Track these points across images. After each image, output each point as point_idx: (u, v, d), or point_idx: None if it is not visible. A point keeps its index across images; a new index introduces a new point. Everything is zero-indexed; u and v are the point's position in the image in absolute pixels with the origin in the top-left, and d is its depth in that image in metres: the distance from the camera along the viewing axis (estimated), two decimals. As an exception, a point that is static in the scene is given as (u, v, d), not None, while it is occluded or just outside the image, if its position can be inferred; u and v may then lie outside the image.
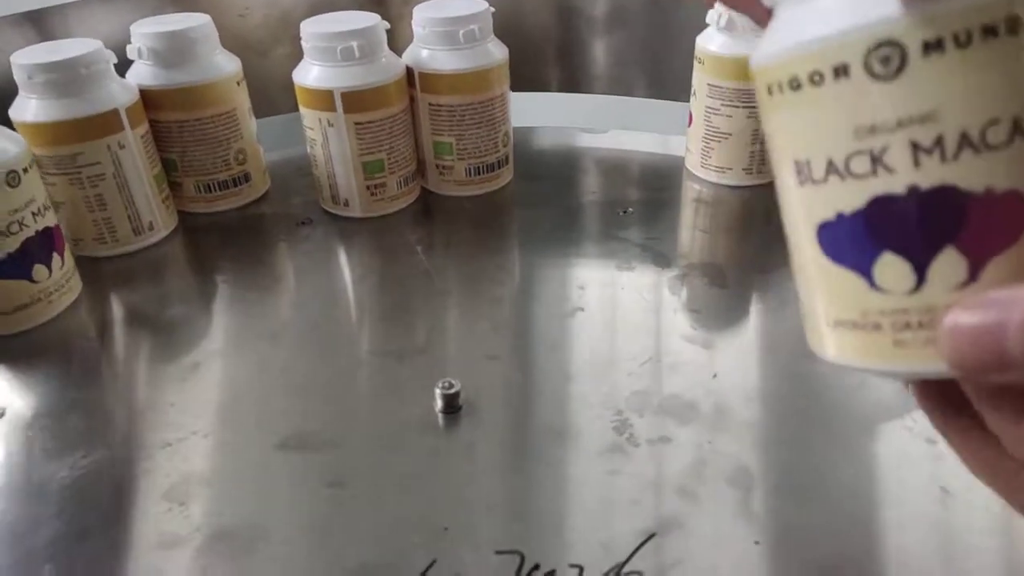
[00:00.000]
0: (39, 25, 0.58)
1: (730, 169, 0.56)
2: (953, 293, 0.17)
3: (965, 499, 0.32)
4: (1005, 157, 0.16)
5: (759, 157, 0.55)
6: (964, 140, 0.16)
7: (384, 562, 0.30)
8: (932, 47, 0.16)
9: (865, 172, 0.17)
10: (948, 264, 0.17)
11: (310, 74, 0.52)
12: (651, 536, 0.31)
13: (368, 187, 0.55)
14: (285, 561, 0.31)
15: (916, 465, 0.33)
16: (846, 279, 0.18)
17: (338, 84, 0.51)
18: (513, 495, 0.33)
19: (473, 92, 0.54)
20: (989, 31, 0.16)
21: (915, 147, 0.16)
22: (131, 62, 0.53)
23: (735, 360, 0.40)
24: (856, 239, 0.18)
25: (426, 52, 0.54)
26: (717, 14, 0.52)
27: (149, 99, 0.52)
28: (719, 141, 0.55)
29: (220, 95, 0.54)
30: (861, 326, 0.18)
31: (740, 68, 0.52)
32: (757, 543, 0.31)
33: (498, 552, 0.30)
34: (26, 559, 0.31)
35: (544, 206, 0.57)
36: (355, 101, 0.51)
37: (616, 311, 0.44)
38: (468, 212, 0.57)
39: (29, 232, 0.43)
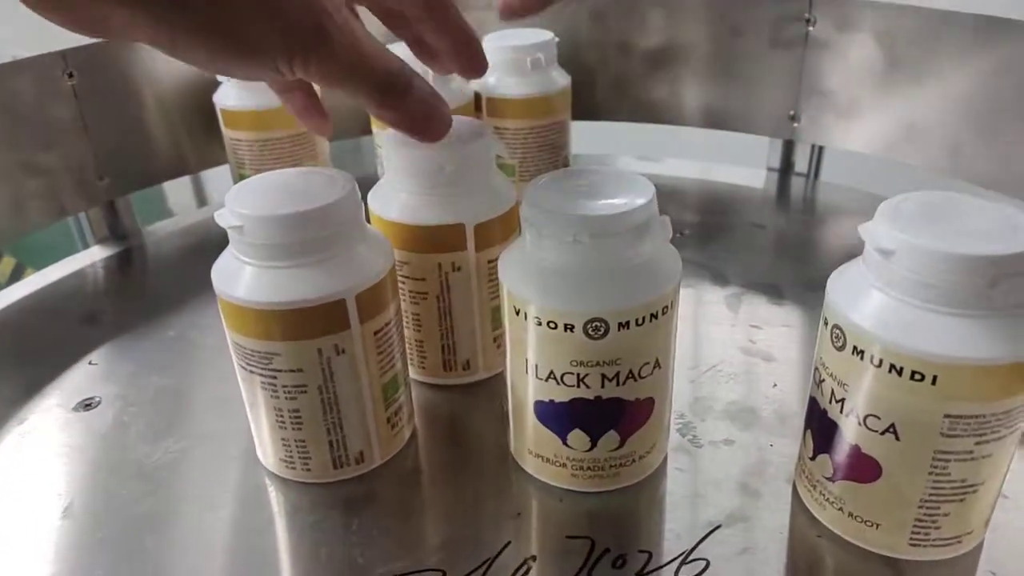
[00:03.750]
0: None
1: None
2: (609, 453, 0.33)
3: (1018, 502, 0.33)
4: (648, 381, 0.32)
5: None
6: (629, 374, 0.31)
7: (464, 541, 0.32)
8: (623, 325, 0.30)
9: (572, 384, 0.31)
10: (609, 438, 0.32)
11: (385, 97, 0.55)
12: (716, 527, 0.32)
13: (434, 205, 0.57)
14: (375, 532, 0.33)
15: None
16: (547, 435, 0.33)
17: (412, 106, 0.54)
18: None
19: (537, 117, 0.57)
20: (652, 316, 0.30)
21: (603, 376, 0.31)
22: (218, 83, 0.57)
23: (794, 371, 0.41)
24: (559, 417, 0.32)
25: (493, 78, 0.57)
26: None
27: (235, 119, 0.56)
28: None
29: (300, 116, 0.57)
30: (552, 462, 0.34)
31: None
32: (819, 536, 0.32)
33: (569, 536, 0.32)
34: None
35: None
36: (427, 123, 0.54)
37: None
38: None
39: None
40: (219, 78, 0.57)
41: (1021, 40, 0.50)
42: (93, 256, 0.58)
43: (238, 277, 0.31)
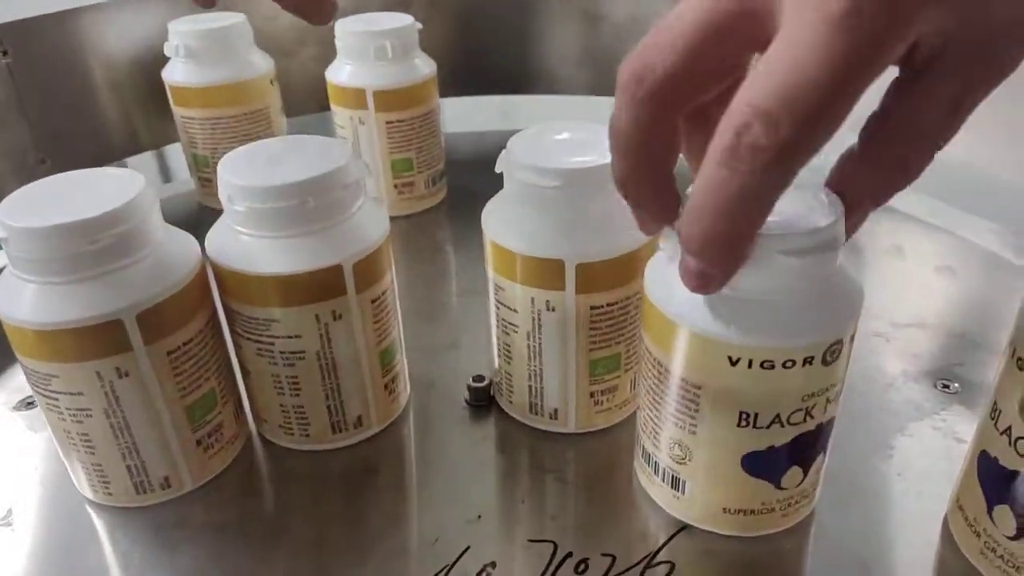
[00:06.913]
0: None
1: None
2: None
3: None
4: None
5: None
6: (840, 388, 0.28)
7: (420, 546, 0.31)
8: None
9: (798, 421, 0.27)
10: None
11: (343, 72, 0.53)
12: (682, 528, 0.31)
13: (396, 185, 0.55)
14: (325, 539, 0.31)
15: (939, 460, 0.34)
16: (757, 484, 0.29)
17: (370, 83, 0.51)
18: (545, 487, 0.34)
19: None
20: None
21: (827, 400, 0.27)
22: (167, 59, 0.54)
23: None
24: (776, 461, 0.28)
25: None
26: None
27: (185, 96, 0.53)
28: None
29: (254, 93, 0.54)
30: (759, 512, 0.30)
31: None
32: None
33: (531, 540, 0.31)
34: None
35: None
36: (386, 100, 0.52)
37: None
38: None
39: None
40: (166, 52, 0.54)
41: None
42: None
43: (10, 290, 0.29)
